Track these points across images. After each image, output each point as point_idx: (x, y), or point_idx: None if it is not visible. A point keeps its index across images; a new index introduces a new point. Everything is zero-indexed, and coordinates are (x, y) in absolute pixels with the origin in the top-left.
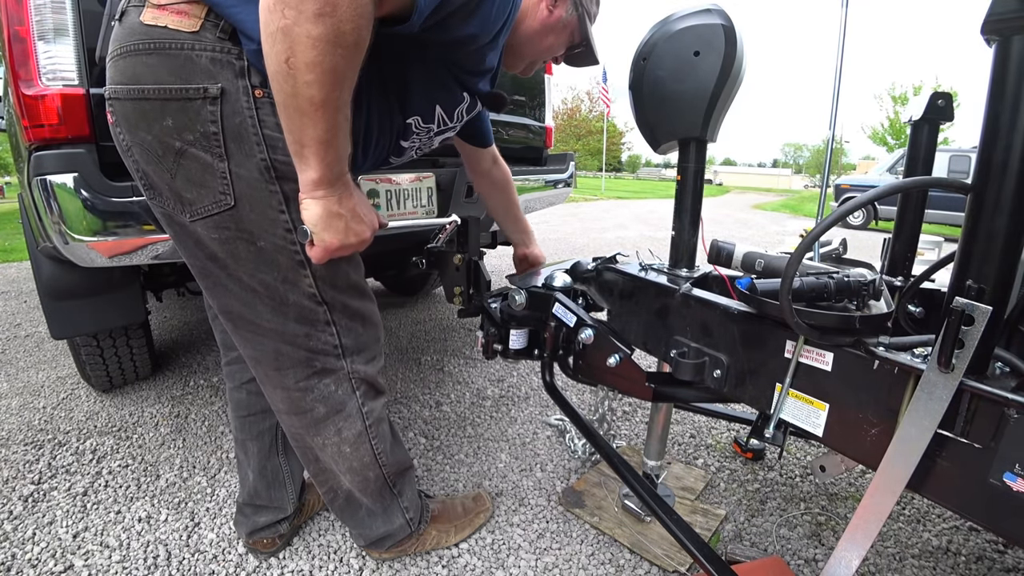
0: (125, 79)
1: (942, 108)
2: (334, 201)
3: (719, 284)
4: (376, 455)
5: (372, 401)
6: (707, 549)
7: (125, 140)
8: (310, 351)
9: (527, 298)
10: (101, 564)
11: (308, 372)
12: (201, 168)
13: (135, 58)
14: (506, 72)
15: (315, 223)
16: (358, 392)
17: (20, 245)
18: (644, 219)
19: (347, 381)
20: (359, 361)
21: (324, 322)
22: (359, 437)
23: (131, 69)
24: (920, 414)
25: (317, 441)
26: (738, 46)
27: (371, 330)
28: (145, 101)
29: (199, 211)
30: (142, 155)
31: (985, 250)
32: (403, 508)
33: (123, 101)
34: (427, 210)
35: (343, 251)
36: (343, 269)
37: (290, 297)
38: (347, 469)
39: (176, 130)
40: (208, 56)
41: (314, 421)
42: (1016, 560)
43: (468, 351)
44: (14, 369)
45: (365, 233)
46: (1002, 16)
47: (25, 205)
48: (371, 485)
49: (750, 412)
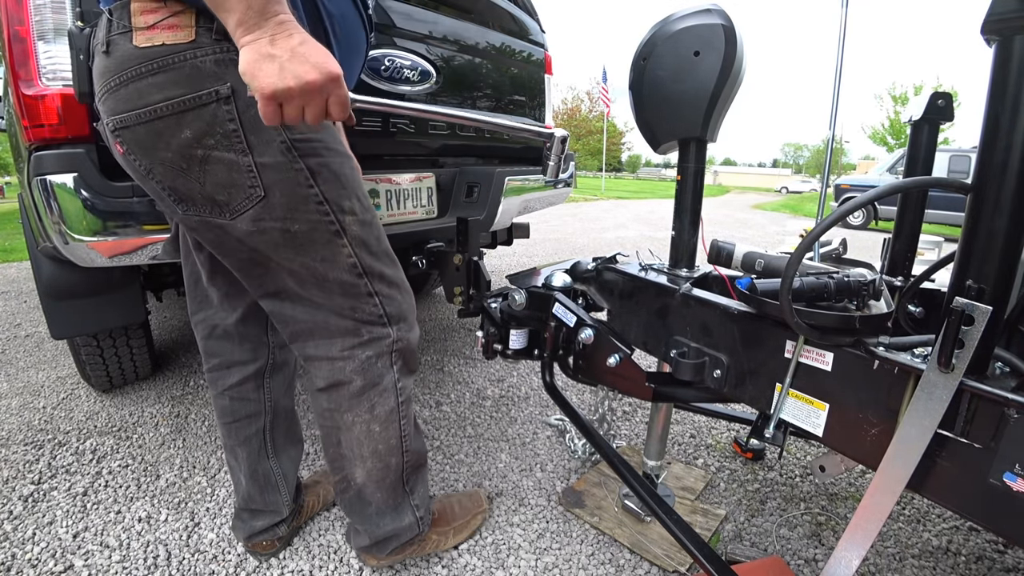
0: (131, 106)
1: (942, 108)
2: (265, 43)
3: (719, 284)
4: (402, 438)
5: (406, 378)
6: (707, 549)
7: (143, 165)
8: (357, 321)
9: (527, 298)
10: (101, 564)
11: (355, 341)
12: (227, 168)
13: (139, 82)
14: (505, 73)
15: (244, 70)
16: (395, 366)
17: (20, 245)
18: (644, 219)
19: (388, 353)
20: (403, 328)
21: (367, 294)
22: (391, 415)
23: (137, 94)
24: (920, 414)
25: (347, 419)
26: (738, 46)
27: (408, 297)
28: (159, 120)
29: (235, 209)
30: (166, 173)
31: (985, 250)
32: (414, 506)
33: (133, 128)
34: (427, 210)
35: (283, 98)
36: (374, 234)
37: (330, 275)
38: (371, 452)
39: (196, 139)
40: (212, 59)
41: (350, 395)
42: (1016, 560)
43: (468, 351)
44: (14, 369)
45: (308, 75)
46: (1002, 16)
47: (25, 205)
48: (389, 475)
49: (750, 412)
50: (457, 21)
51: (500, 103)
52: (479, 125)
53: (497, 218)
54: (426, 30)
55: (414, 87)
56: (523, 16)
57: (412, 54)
